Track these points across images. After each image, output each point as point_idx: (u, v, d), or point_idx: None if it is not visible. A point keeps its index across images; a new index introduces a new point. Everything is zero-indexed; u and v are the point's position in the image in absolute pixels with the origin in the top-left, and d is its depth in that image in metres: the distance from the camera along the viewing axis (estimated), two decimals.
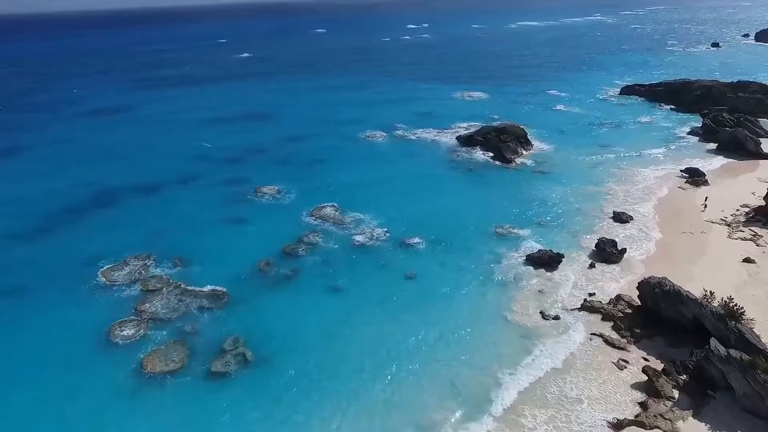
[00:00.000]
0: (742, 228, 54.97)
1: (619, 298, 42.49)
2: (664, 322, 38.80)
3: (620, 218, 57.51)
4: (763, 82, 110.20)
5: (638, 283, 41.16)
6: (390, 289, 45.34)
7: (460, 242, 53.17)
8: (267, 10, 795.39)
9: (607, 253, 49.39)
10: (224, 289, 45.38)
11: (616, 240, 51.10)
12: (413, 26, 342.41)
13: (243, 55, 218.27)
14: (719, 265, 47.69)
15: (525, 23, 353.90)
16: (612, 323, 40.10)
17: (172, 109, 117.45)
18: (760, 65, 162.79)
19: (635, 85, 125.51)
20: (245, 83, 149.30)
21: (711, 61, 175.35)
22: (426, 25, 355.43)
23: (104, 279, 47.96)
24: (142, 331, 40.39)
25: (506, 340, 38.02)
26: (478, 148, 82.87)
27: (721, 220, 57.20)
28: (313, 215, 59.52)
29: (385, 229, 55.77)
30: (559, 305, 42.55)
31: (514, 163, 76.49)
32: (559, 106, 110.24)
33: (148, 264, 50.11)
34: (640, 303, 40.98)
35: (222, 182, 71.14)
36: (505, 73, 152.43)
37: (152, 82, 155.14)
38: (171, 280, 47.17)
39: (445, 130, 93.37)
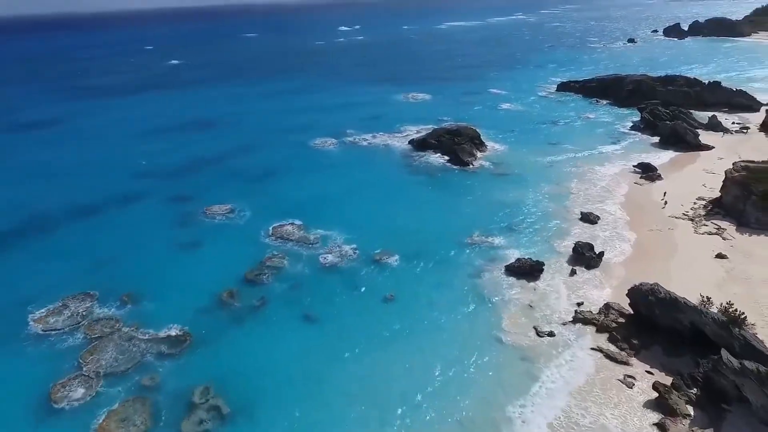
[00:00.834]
0: (705, 222, 56.05)
1: (608, 306, 41.29)
2: (659, 329, 37.90)
3: (588, 219, 57.13)
4: (688, 76, 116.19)
5: (628, 290, 40.08)
6: (370, 315, 41.78)
7: (433, 255, 50.46)
8: (191, 15, 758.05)
9: (586, 257, 48.43)
10: (185, 329, 40.03)
11: (592, 243, 50.32)
12: (345, 28, 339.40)
13: (173, 61, 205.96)
14: (694, 263, 47.94)
15: (453, 24, 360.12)
16: (607, 335, 38.73)
17: (103, 122, 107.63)
18: (675, 58, 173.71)
19: (570, 81, 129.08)
20: (180, 91, 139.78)
21: (631, 56, 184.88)
22: (358, 26, 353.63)
23: (39, 326, 41.07)
24: (92, 390, 34.40)
25: (507, 364, 35.56)
26: (432, 151, 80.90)
27: (683, 215, 58.17)
28: (273, 235, 54.74)
29: (354, 246, 52.09)
30: (551, 319, 40.75)
31: (471, 166, 75.04)
32: (505, 105, 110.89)
33: (92, 304, 43.58)
34: (632, 311, 39.93)
35: (167, 201, 64.63)
36: (444, 74, 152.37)
37: (78, 93, 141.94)
38: (121, 323, 41.10)
39: (396, 134, 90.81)
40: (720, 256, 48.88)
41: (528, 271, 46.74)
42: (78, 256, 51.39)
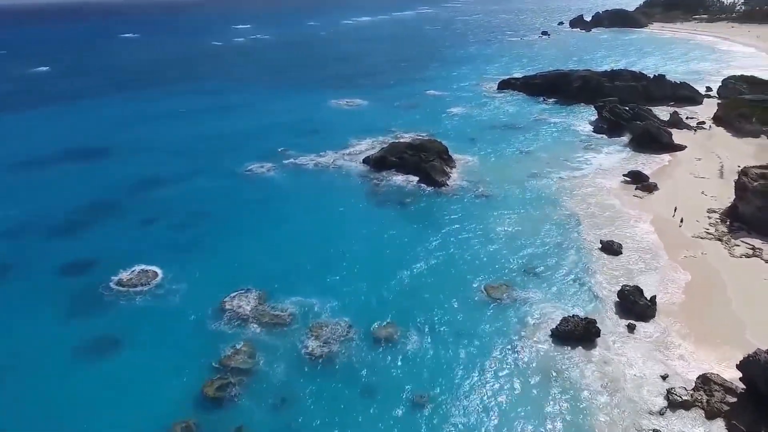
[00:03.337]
0: (735, 242, 49.11)
1: (707, 380, 31.74)
2: None
3: (611, 249, 48.02)
4: (633, 70, 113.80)
5: (741, 362, 30.76)
6: None
7: (452, 323, 38.67)
8: (45, 13, 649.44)
9: (640, 306, 38.98)
10: None
11: (640, 287, 40.97)
12: (241, 26, 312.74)
13: (39, 68, 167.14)
14: (755, 299, 40.36)
15: (359, 19, 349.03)
16: (723, 422, 29.36)
17: None
18: (593, 50, 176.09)
19: (510, 78, 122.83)
20: (56, 107, 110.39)
21: (553, 49, 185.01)
22: (256, 24, 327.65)
23: None
24: None
25: None
26: (395, 171, 68.77)
27: (707, 233, 51.10)
28: (225, 315, 39.59)
29: (346, 321, 38.70)
30: (642, 407, 30.54)
31: (446, 187, 63.93)
32: (453, 109, 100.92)
33: None
34: (743, 386, 30.65)
35: (53, 272, 46.25)
36: (373, 75, 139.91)
37: None
38: None
39: (344, 151, 77.39)
40: None
41: (582, 334, 36.26)
42: None
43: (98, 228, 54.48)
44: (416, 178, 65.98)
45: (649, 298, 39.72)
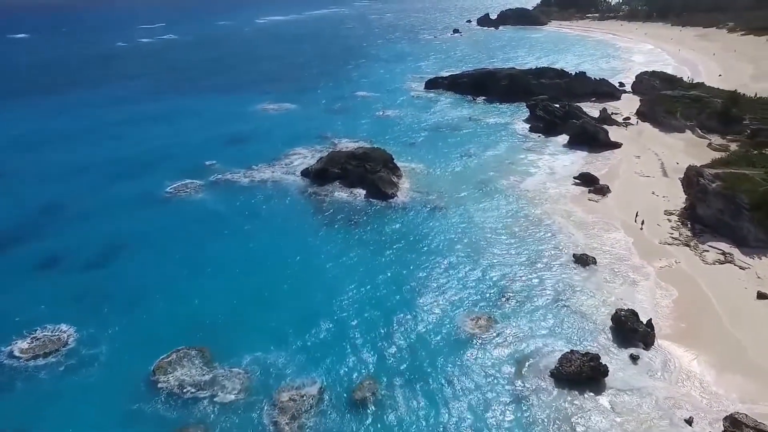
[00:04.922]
0: (702, 246, 47.89)
1: (736, 422, 28.68)
2: None
3: (587, 262, 45.21)
4: (555, 67, 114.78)
5: None
6: None
7: (438, 369, 33.54)
8: None
9: (639, 334, 35.75)
10: None
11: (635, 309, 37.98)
12: (147, 26, 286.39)
13: None
14: (743, 313, 38.59)
15: (271, 18, 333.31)
16: None
17: None
18: (508, 47, 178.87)
19: (437, 78, 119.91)
20: None
21: (468, 46, 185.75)
22: (163, 24, 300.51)
23: None
24: None
25: None
26: (338, 184, 62.53)
27: (672, 238, 49.64)
28: (163, 389, 31.45)
29: (314, 378, 32.15)
30: None
31: (396, 198, 58.70)
32: (386, 112, 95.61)
33: None
34: None
35: None
36: (297, 77, 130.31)
37: None
38: None
39: (279, 162, 69.68)
40: (762, 296, 40.39)
41: (589, 374, 32.25)
42: None
43: None
44: (363, 192, 60.21)
45: (645, 323, 36.70)
